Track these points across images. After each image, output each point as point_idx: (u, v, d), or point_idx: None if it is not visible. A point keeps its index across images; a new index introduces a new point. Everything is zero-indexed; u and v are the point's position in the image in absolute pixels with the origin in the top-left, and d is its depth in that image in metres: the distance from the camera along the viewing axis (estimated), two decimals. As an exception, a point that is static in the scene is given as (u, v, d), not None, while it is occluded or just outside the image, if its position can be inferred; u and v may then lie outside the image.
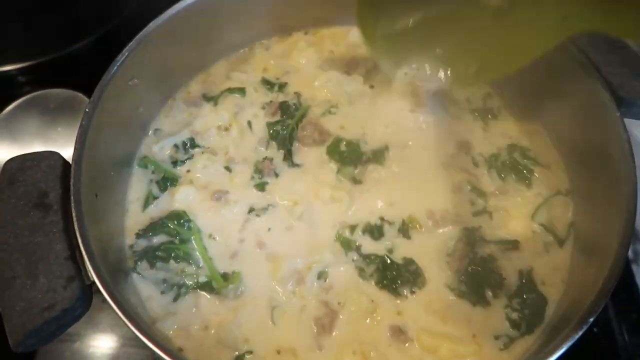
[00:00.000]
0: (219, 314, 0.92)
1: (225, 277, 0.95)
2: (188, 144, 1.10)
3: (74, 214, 0.80)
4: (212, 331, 0.91)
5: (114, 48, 0.97)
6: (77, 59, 1.26)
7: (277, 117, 1.14)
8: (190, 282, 0.94)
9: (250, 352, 0.89)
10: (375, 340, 0.90)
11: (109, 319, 0.98)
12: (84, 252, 0.78)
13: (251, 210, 1.03)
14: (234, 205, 1.03)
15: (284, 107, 1.15)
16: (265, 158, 1.09)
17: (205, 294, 0.94)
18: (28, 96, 1.07)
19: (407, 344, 0.90)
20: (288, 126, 1.12)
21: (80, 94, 1.18)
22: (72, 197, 0.82)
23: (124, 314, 0.76)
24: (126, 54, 0.98)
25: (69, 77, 1.04)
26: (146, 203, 1.03)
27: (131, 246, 0.98)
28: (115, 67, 0.96)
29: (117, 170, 1.02)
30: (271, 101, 1.17)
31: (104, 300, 0.93)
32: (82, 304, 0.77)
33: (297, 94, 1.18)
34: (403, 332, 0.91)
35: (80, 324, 0.93)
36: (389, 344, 0.90)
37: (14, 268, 0.77)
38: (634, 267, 1.07)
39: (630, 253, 1.08)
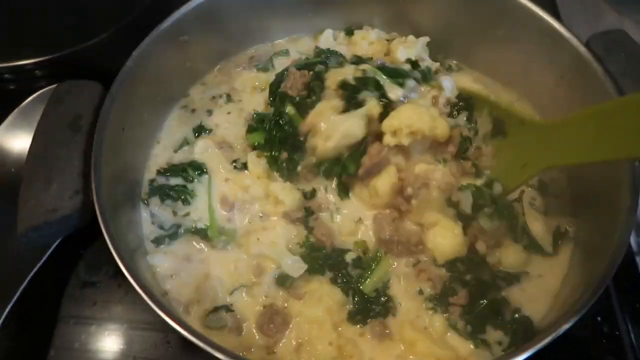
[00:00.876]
0: (204, 263, 0.98)
1: (220, 230, 1.01)
2: (224, 97, 1.18)
3: (95, 138, 0.91)
4: (197, 279, 0.96)
5: (129, 43, 1.03)
6: (93, 54, 1.29)
7: None
8: (189, 225, 1.02)
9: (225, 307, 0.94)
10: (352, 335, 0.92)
11: (125, 303, 1.02)
12: (92, 173, 0.88)
13: (234, 161, 1.09)
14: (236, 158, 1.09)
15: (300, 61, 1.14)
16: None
17: (198, 239, 1.01)
18: (46, 88, 1.06)
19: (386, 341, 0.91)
20: (282, 71, 1.12)
21: (97, 87, 1.23)
22: (98, 124, 0.93)
23: (111, 242, 0.82)
24: (183, 11, 1.07)
25: (85, 71, 1.03)
26: (178, 146, 1.12)
27: (152, 181, 1.07)
28: (169, 23, 1.06)
29: (152, 112, 1.12)
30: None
31: (120, 285, 1.02)
32: (80, 215, 0.88)
33: (327, 56, 1.16)
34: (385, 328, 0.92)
35: (96, 309, 1.00)
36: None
37: (37, 172, 0.90)
38: (638, 259, 1.06)
39: (634, 245, 1.06)
